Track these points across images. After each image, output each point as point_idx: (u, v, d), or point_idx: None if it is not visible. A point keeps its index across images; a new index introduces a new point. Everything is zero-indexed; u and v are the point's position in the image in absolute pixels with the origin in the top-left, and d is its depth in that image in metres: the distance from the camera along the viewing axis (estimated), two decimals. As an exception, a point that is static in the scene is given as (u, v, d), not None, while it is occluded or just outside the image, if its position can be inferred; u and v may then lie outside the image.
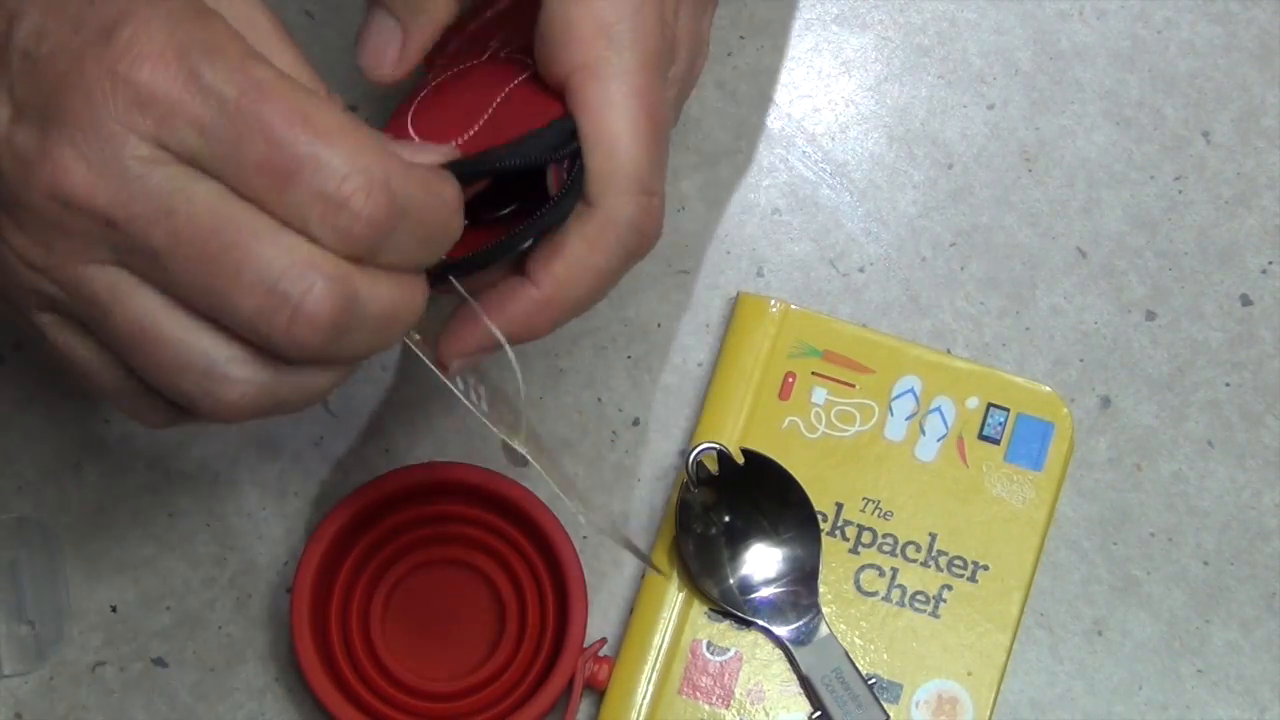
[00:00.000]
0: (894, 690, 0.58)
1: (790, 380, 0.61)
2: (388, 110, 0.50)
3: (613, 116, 0.46)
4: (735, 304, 0.62)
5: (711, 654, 0.59)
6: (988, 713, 0.58)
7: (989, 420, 0.61)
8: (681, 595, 0.59)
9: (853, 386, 0.61)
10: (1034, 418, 0.61)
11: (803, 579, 0.58)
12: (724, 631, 0.59)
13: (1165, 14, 0.66)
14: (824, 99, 0.65)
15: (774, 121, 0.65)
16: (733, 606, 0.58)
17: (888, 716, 0.57)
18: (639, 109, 0.47)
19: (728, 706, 0.58)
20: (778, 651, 0.59)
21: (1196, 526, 0.62)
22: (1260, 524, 0.62)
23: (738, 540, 0.59)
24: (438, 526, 0.60)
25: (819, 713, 0.58)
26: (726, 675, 0.58)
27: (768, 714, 0.58)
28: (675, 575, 0.59)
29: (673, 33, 0.50)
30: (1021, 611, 0.59)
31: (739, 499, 0.59)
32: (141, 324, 0.41)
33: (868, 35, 0.66)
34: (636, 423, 0.62)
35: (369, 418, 0.61)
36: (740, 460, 0.59)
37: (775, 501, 0.59)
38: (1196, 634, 0.61)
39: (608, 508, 0.61)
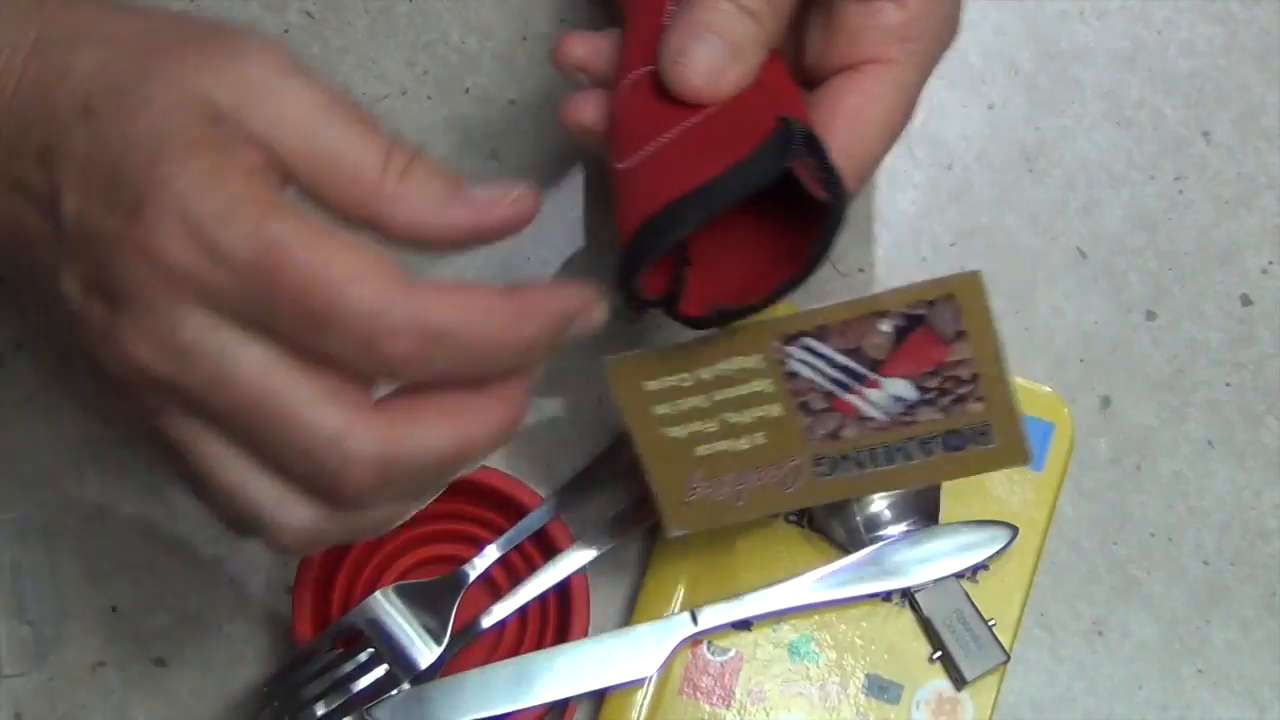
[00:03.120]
0: (894, 690, 0.58)
1: (790, 380, 0.61)
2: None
3: (875, 108, 0.51)
4: (735, 304, 0.62)
5: (712, 654, 0.59)
6: (988, 713, 0.58)
7: (989, 420, 0.61)
8: (682, 596, 0.59)
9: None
10: (1034, 418, 0.61)
11: (924, 519, 0.59)
12: (724, 631, 0.58)
13: (1165, 14, 0.66)
14: (824, 99, 0.65)
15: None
16: (857, 547, 0.58)
17: (1008, 656, 0.58)
18: (903, 105, 0.52)
19: (728, 707, 0.58)
20: (778, 652, 0.59)
21: (1196, 526, 0.62)
22: (1260, 524, 0.62)
23: None
24: (437, 526, 0.60)
25: (939, 653, 0.58)
26: (727, 675, 0.58)
27: (768, 714, 0.58)
28: (673, 579, 0.59)
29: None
30: (1021, 611, 0.59)
31: None
32: (209, 469, 0.43)
33: (868, 35, 0.66)
34: (637, 423, 0.62)
35: (369, 418, 0.61)
36: None
37: None
38: (1196, 634, 0.61)
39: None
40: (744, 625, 0.59)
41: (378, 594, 0.56)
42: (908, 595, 0.59)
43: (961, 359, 0.47)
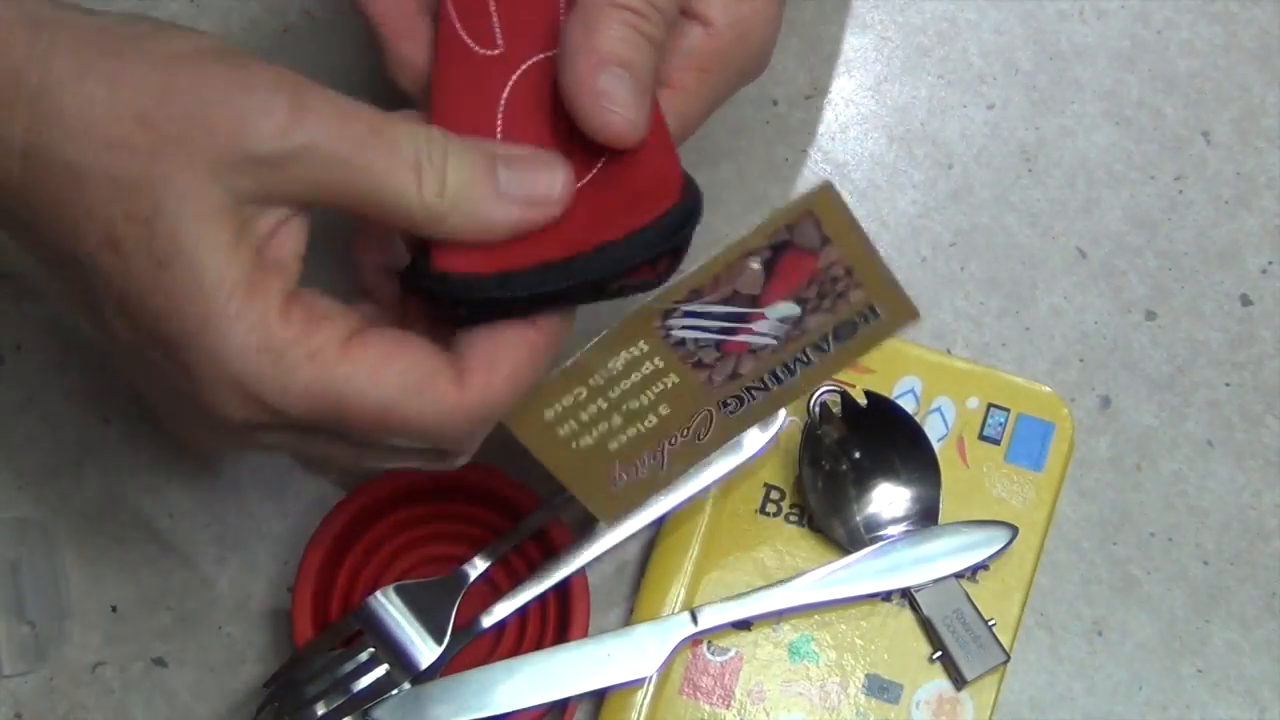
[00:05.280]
0: (894, 690, 0.58)
1: (790, 380, 0.61)
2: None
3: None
4: (735, 304, 0.62)
5: (712, 654, 0.59)
6: (988, 713, 0.58)
7: (989, 420, 0.61)
8: (683, 595, 0.59)
9: (853, 387, 0.61)
10: (1034, 418, 0.61)
11: (923, 519, 0.59)
12: (724, 631, 0.59)
13: (1165, 14, 0.66)
14: (824, 99, 0.65)
15: (774, 121, 0.65)
16: (857, 547, 0.58)
17: (1008, 656, 0.58)
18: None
19: (728, 707, 0.58)
20: (778, 652, 0.59)
21: (1196, 526, 0.62)
22: (1260, 524, 0.62)
23: (864, 479, 0.59)
24: (437, 526, 0.60)
25: (939, 653, 0.58)
26: (727, 675, 0.58)
27: (768, 714, 0.58)
28: (673, 579, 0.59)
29: None
30: (1021, 611, 0.59)
31: (865, 438, 0.59)
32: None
33: (868, 35, 0.66)
34: (637, 423, 0.62)
35: (369, 418, 0.61)
36: (863, 402, 0.59)
37: (898, 441, 0.59)
38: (1196, 634, 0.61)
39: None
40: (744, 625, 0.59)
41: (378, 594, 0.56)
42: (908, 595, 0.59)
43: (832, 260, 0.47)
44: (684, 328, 0.48)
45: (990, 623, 0.58)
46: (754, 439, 0.59)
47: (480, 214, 0.44)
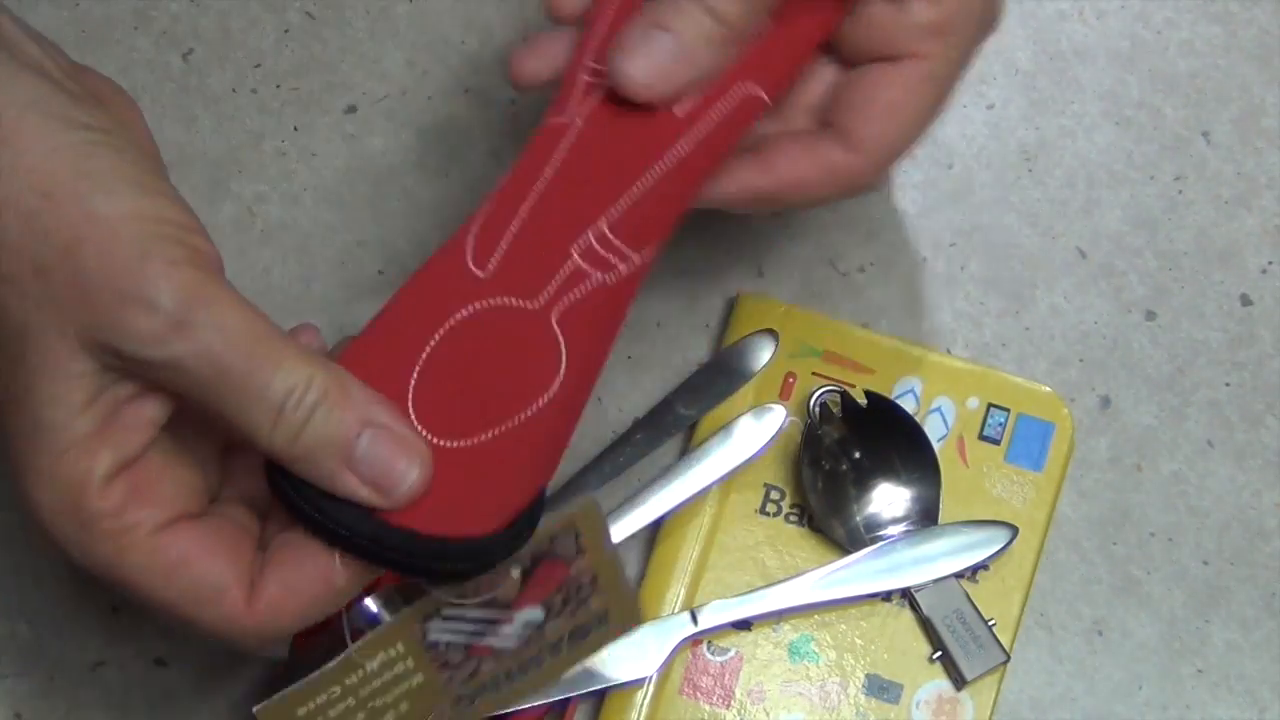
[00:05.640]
0: (894, 690, 0.58)
1: (790, 380, 0.61)
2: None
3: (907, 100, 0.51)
4: (735, 304, 0.62)
5: (712, 654, 0.59)
6: (988, 713, 0.58)
7: (989, 420, 0.61)
8: (683, 595, 0.59)
9: (853, 387, 0.61)
10: (1034, 418, 0.61)
11: (923, 519, 0.59)
12: (724, 631, 0.58)
13: (1165, 14, 0.66)
14: (824, 99, 0.65)
15: (774, 121, 0.65)
16: (857, 547, 0.58)
17: (1008, 656, 0.58)
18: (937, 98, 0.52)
19: (728, 707, 0.58)
20: (778, 652, 0.59)
21: (1196, 526, 0.62)
22: (1260, 524, 0.62)
23: (864, 479, 0.59)
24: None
25: (939, 653, 0.58)
26: (727, 675, 0.58)
27: (768, 714, 0.58)
28: (673, 579, 0.59)
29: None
30: (1021, 611, 0.59)
31: (865, 438, 0.59)
32: None
33: (868, 35, 0.66)
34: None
35: (369, 418, 0.61)
36: (863, 402, 0.59)
37: (898, 441, 0.59)
38: (1196, 634, 0.61)
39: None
40: (744, 625, 0.59)
41: (378, 594, 0.56)
42: (908, 595, 0.59)
43: (582, 569, 0.49)
44: (442, 630, 0.48)
45: (990, 623, 0.58)
46: (754, 439, 0.59)
47: (323, 474, 0.44)
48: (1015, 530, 0.58)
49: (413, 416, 0.46)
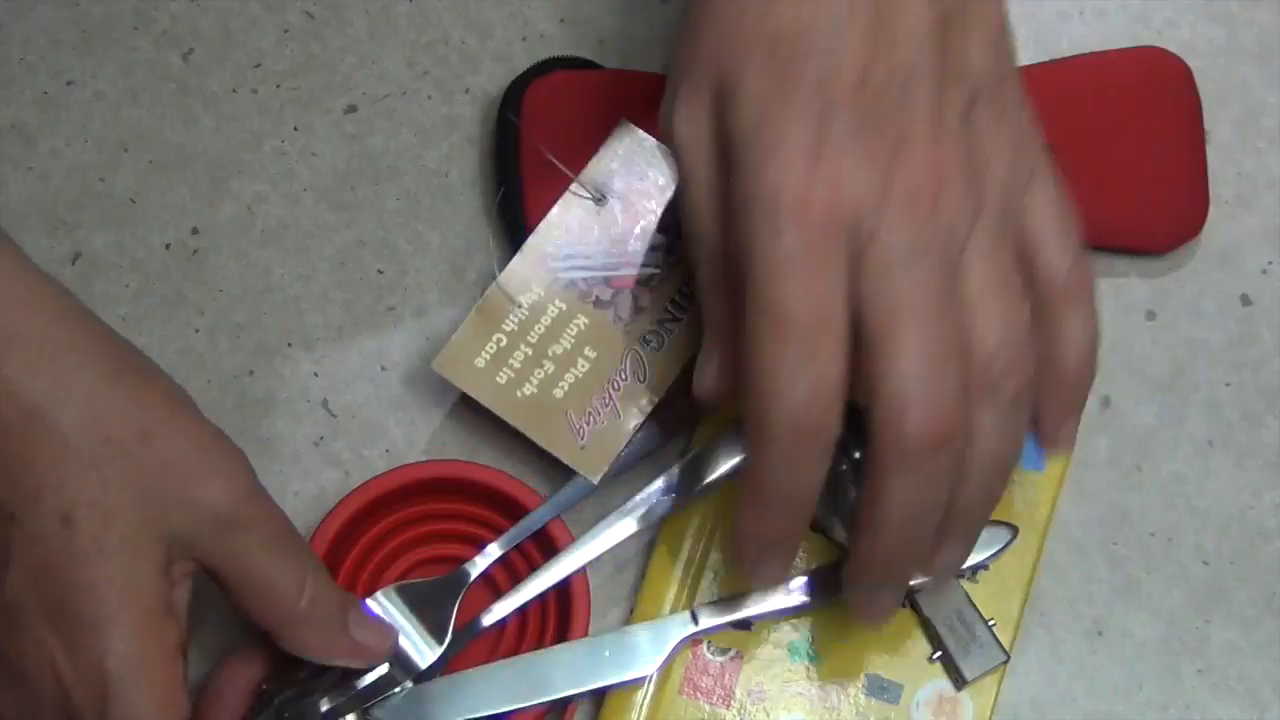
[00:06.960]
0: (894, 690, 0.58)
1: (790, 380, 0.61)
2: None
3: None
4: (735, 304, 0.62)
5: (712, 654, 0.59)
6: (988, 713, 0.58)
7: (989, 420, 0.61)
8: (683, 595, 0.59)
9: (853, 387, 0.60)
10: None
11: None
12: (724, 631, 0.58)
13: (1165, 14, 0.66)
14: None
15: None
16: None
17: (1008, 656, 0.58)
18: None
19: (728, 706, 0.58)
20: (778, 652, 0.59)
21: (1196, 526, 0.62)
22: (1260, 524, 0.62)
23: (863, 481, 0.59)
24: (438, 524, 0.60)
25: (939, 653, 0.58)
26: (727, 675, 0.58)
27: (768, 714, 0.58)
28: (673, 579, 0.59)
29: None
30: (1021, 611, 0.59)
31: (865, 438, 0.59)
32: None
33: (868, 35, 0.66)
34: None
35: (369, 418, 0.61)
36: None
37: None
38: (1196, 634, 0.61)
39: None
40: (744, 625, 0.59)
41: (378, 594, 0.56)
42: (908, 595, 0.58)
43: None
44: (569, 268, 0.49)
45: (990, 623, 0.58)
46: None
47: (328, 631, 0.51)
48: (1015, 530, 0.58)
49: None
